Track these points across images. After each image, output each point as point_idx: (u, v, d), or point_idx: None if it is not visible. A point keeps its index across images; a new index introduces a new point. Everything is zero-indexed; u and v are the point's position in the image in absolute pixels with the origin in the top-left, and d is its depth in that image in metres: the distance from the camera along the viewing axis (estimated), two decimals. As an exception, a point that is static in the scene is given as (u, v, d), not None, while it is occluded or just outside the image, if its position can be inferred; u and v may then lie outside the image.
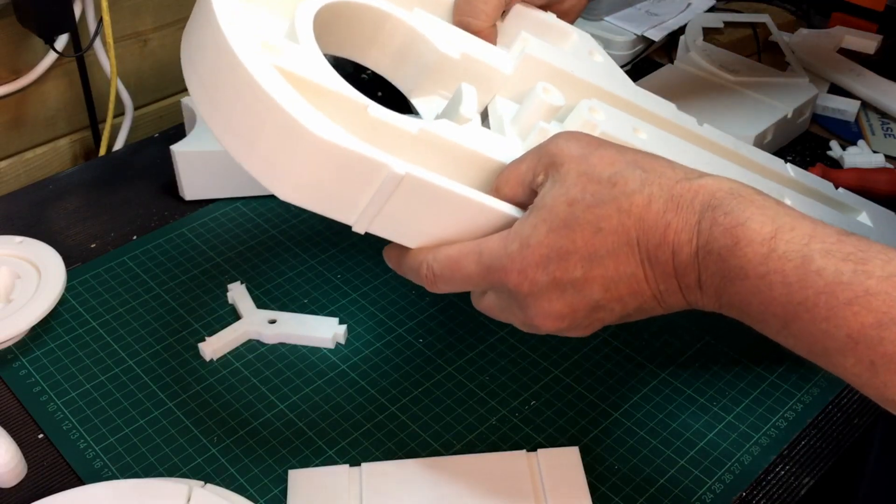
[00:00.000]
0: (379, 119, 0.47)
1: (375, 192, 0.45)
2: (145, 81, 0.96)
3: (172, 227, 0.76)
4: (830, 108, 0.93)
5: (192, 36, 0.48)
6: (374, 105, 0.47)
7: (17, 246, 0.70)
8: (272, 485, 0.56)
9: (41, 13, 0.80)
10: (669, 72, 0.93)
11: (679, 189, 0.43)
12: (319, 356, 0.65)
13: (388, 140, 0.47)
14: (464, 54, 0.56)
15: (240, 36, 0.44)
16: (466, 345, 0.66)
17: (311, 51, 0.48)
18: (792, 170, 0.66)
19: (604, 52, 0.63)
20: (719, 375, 0.64)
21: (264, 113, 0.43)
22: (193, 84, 0.47)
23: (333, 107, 0.46)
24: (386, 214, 0.46)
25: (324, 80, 0.46)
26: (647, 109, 0.59)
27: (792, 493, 0.57)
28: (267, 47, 0.45)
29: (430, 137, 0.48)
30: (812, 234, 0.39)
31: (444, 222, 0.48)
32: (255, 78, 0.43)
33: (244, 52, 0.44)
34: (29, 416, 0.60)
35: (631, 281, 0.44)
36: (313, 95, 0.45)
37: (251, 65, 0.43)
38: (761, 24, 1.04)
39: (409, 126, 0.47)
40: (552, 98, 0.53)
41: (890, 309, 0.36)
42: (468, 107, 0.52)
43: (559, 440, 0.60)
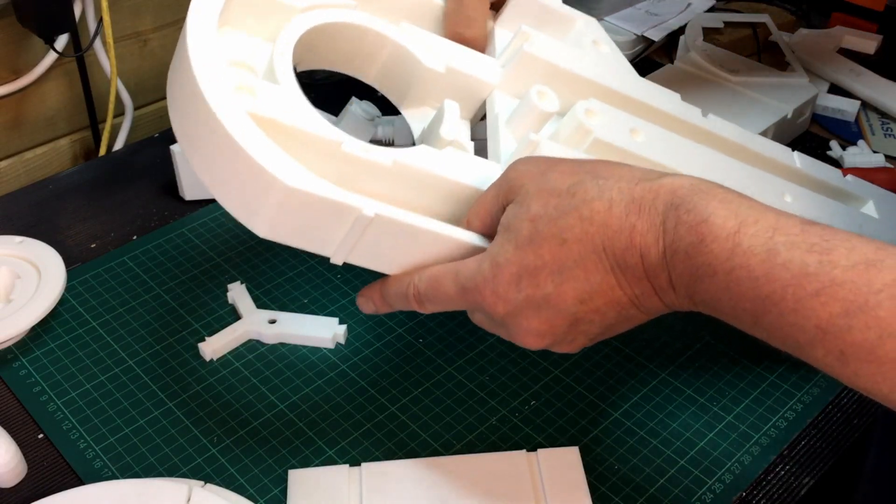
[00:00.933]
0: (353, 154, 0.48)
1: (348, 230, 0.47)
2: (145, 81, 0.96)
3: (172, 227, 0.76)
4: (830, 108, 0.93)
5: (173, 74, 0.49)
6: (348, 141, 0.48)
7: (17, 246, 0.70)
8: (272, 485, 0.56)
9: (41, 13, 0.80)
10: (669, 72, 0.93)
11: (640, 190, 0.42)
12: (319, 356, 0.65)
13: (363, 172, 0.49)
14: (449, 68, 0.57)
15: (213, 81, 0.46)
16: (466, 345, 0.66)
17: (289, 89, 0.49)
18: (798, 159, 0.66)
19: (609, 40, 0.62)
20: (719, 375, 0.64)
21: (236, 161, 0.45)
22: (175, 122, 0.49)
23: (309, 146, 0.48)
24: (361, 249, 0.48)
25: (298, 122, 0.47)
26: (649, 104, 0.59)
27: (792, 493, 0.57)
28: (242, 90, 0.47)
29: (403, 168, 0.49)
30: (776, 227, 0.39)
31: (419, 253, 0.49)
32: (226, 127, 0.44)
33: (216, 100, 0.45)
34: (29, 416, 0.60)
35: (604, 289, 0.44)
36: (287, 136, 0.47)
37: (221, 111, 0.45)
38: (761, 24, 1.04)
39: (382, 158, 0.49)
40: (546, 104, 0.54)
41: (856, 297, 0.36)
42: (448, 128, 0.53)
43: (559, 440, 0.60)
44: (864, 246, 0.37)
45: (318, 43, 0.55)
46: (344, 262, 0.49)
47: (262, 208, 0.46)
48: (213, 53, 0.47)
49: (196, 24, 0.48)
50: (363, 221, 0.46)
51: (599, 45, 0.62)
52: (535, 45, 0.56)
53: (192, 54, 0.46)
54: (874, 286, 0.36)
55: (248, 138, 0.44)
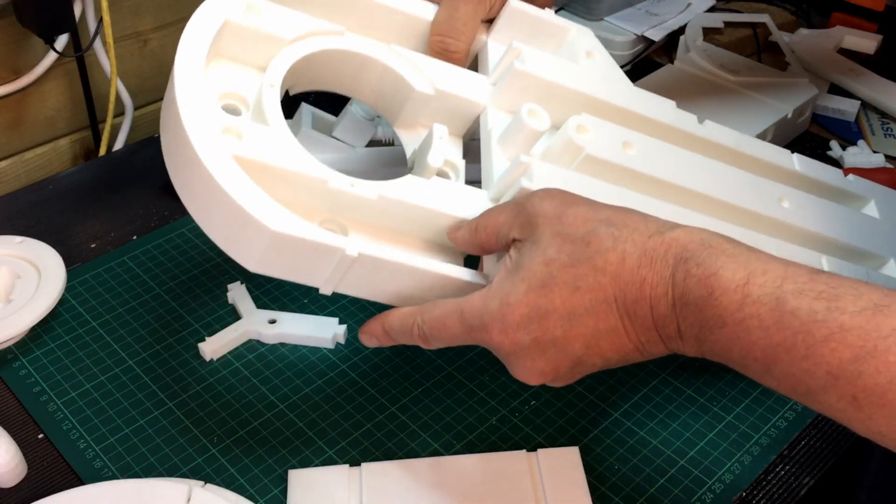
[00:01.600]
0: (339, 190, 0.49)
1: (334, 268, 0.48)
2: (145, 81, 0.96)
3: (172, 227, 0.76)
4: (830, 108, 0.93)
5: (165, 111, 0.51)
6: (334, 177, 0.49)
7: (17, 246, 0.70)
8: (272, 485, 0.56)
9: (41, 13, 0.80)
10: (669, 72, 0.93)
11: (652, 244, 0.43)
12: (319, 356, 0.65)
13: (350, 205, 0.50)
14: (438, 90, 0.57)
15: (200, 125, 0.47)
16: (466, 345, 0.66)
17: (276, 128, 0.50)
18: (798, 161, 0.66)
19: (603, 50, 0.63)
20: (719, 375, 0.64)
21: (221, 204, 0.46)
22: (167, 158, 0.50)
23: (295, 184, 0.49)
24: (349, 281, 0.50)
25: (285, 163, 0.49)
26: (643, 115, 0.59)
27: (792, 493, 0.57)
28: (229, 132, 0.48)
29: (389, 201, 0.51)
30: (784, 276, 0.40)
31: (406, 286, 0.51)
32: (212, 172, 0.46)
33: (202, 145, 0.46)
34: (29, 416, 0.60)
35: (611, 336, 0.45)
36: (273, 177, 0.48)
37: (208, 158, 0.46)
38: (761, 24, 1.04)
39: (368, 193, 0.50)
40: (536, 123, 0.54)
41: (865, 342, 0.37)
42: (436, 155, 0.54)
43: (559, 440, 0.60)
44: (871, 292, 0.38)
45: (310, 69, 0.57)
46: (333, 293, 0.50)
47: (249, 248, 0.47)
48: (200, 94, 0.48)
49: (184, 61, 0.49)
50: (348, 260, 0.48)
51: (593, 55, 0.62)
52: (526, 61, 0.57)
53: (180, 98, 0.48)
54: (883, 331, 0.36)
55: (233, 182, 0.46)
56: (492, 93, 0.59)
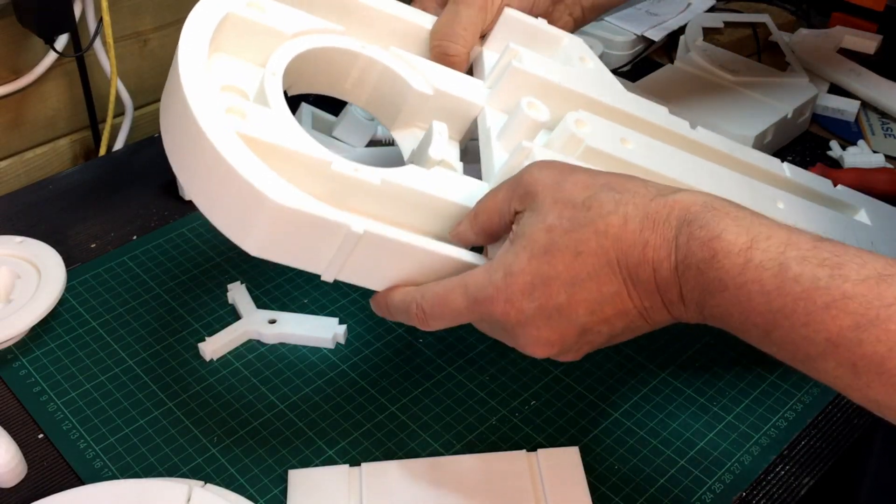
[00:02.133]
0: (342, 173, 0.49)
1: (338, 248, 0.47)
2: (145, 81, 0.96)
3: (172, 227, 0.76)
4: (830, 108, 0.93)
5: (166, 99, 0.50)
6: (337, 160, 0.49)
7: (17, 246, 0.70)
8: (272, 485, 0.56)
9: (41, 13, 0.80)
10: (669, 72, 0.93)
11: (654, 206, 0.43)
12: (319, 356, 0.65)
13: (353, 191, 0.50)
14: (437, 90, 0.58)
15: (204, 103, 0.47)
16: (466, 345, 0.66)
17: (279, 112, 0.50)
18: (788, 169, 0.66)
19: (595, 57, 0.63)
20: (719, 375, 0.64)
21: (226, 180, 0.45)
22: (168, 145, 0.50)
23: (298, 165, 0.48)
24: (351, 266, 0.49)
25: (288, 142, 0.48)
26: (637, 116, 0.60)
27: (792, 493, 0.57)
28: (232, 112, 0.47)
29: (392, 187, 0.50)
30: (787, 242, 0.39)
31: (409, 269, 0.50)
32: (217, 147, 0.45)
33: (207, 121, 0.46)
34: (29, 416, 0.60)
35: (615, 300, 0.44)
36: (277, 157, 0.48)
37: (213, 134, 0.46)
38: (761, 24, 1.04)
39: (371, 177, 0.49)
40: (536, 114, 0.54)
41: (867, 311, 0.36)
42: (437, 149, 0.54)
43: (559, 440, 0.60)
44: (875, 261, 0.38)
45: (308, 68, 0.57)
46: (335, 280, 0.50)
47: (253, 227, 0.46)
48: (204, 77, 0.48)
49: (188, 48, 0.49)
50: (352, 238, 0.47)
51: (586, 61, 0.62)
52: (523, 60, 0.57)
53: (184, 78, 0.47)
54: (885, 300, 0.36)
55: (238, 157, 0.45)
56: (489, 94, 0.59)
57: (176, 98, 0.48)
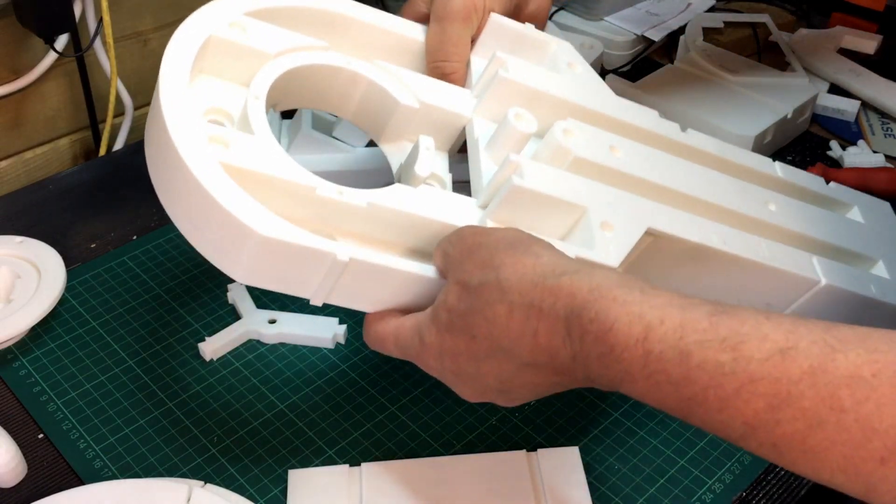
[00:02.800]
0: (327, 198, 0.49)
1: (324, 275, 0.48)
2: (145, 81, 0.96)
3: (172, 227, 0.75)
4: (830, 108, 0.93)
5: (149, 126, 0.51)
6: (322, 185, 0.49)
7: (17, 246, 0.70)
8: (272, 485, 0.56)
9: (41, 13, 0.80)
10: (669, 72, 0.93)
11: (538, 294, 0.42)
12: (319, 356, 0.65)
13: (339, 214, 0.50)
14: (423, 103, 0.58)
15: (186, 134, 0.47)
16: (466, 345, 0.66)
17: (262, 137, 0.50)
18: (780, 169, 0.66)
19: (584, 61, 0.63)
20: (719, 375, 0.64)
21: (210, 211, 0.46)
22: (151, 170, 0.51)
23: (283, 192, 0.49)
24: (339, 290, 0.49)
25: (272, 170, 0.48)
26: (627, 122, 0.60)
27: (792, 493, 0.57)
28: (215, 141, 0.48)
29: (378, 210, 0.50)
30: (682, 325, 0.38)
31: (396, 291, 0.50)
32: (198, 178, 0.46)
33: (189, 152, 0.46)
34: (29, 416, 0.60)
35: (521, 376, 0.45)
36: (261, 184, 0.48)
37: (195, 165, 0.46)
38: (761, 24, 1.04)
39: (357, 201, 0.49)
40: (523, 125, 0.54)
41: (777, 391, 0.36)
42: (423, 165, 0.54)
43: (559, 440, 0.60)
44: (776, 332, 0.37)
45: (294, 85, 0.57)
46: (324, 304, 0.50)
47: (239, 257, 0.47)
48: (186, 107, 0.48)
49: (169, 76, 0.49)
50: (338, 266, 0.47)
51: (574, 67, 0.62)
52: (510, 70, 0.57)
53: (165, 108, 0.48)
54: (792, 376, 0.35)
55: (221, 189, 0.46)
56: (476, 104, 0.59)
57: (158, 128, 0.48)
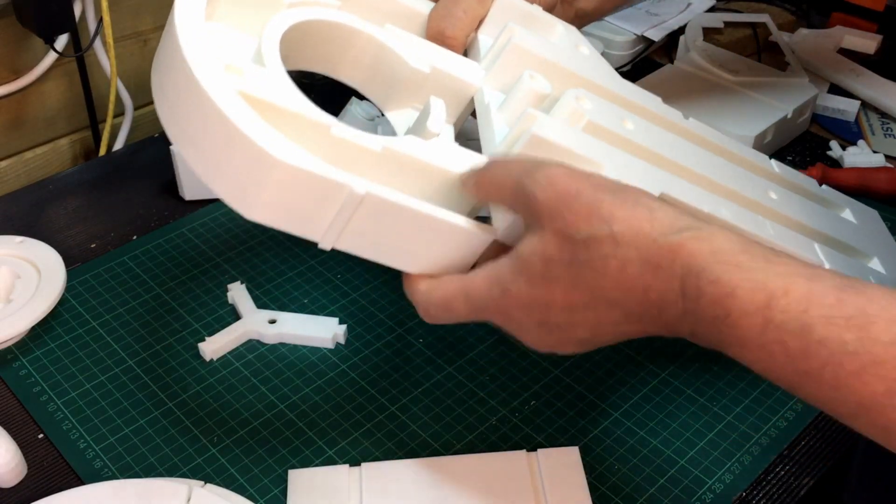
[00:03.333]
0: (343, 138, 0.47)
1: (338, 211, 0.46)
2: (145, 81, 0.96)
3: (172, 227, 0.76)
4: (830, 108, 0.93)
5: (160, 60, 0.49)
6: (337, 125, 0.48)
7: (17, 246, 0.70)
8: (272, 485, 0.56)
9: (41, 13, 0.80)
10: (669, 72, 0.93)
11: (656, 250, 0.41)
12: (319, 356, 0.65)
13: (352, 158, 0.48)
14: (434, 68, 0.56)
15: (203, 61, 0.45)
16: (466, 345, 0.66)
17: (277, 73, 0.49)
18: (777, 166, 0.67)
19: (589, 44, 0.63)
20: (719, 375, 0.64)
21: (227, 138, 0.44)
22: (162, 107, 0.48)
23: (297, 128, 0.47)
24: (350, 232, 0.47)
25: (287, 103, 0.47)
26: (633, 101, 0.60)
27: (792, 493, 0.57)
28: (231, 70, 0.46)
29: (393, 155, 0.49)
30: (809, 298, 0.37)
31: (410, 239, 0.49)
32: (217, 104, 0.44)
33: (207, 78, 0.45)
34: (29, 416, 0.60)
35: (616, 327, 0.44)
36: (277, 118, 0.46)
37: (213, 91, 0.44)
38: (761, 24, 1.04)
39: (372, 144, 0.48)
40: (539, 85, 0.53)
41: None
42: (435, 121, 0.53)
43: (559, 440, 0.60)
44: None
45: (304, 41, 0.55)
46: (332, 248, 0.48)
47: (255, 189, 0.45)
48: (201, 36, 0.47)
49: (184, 8, 0.48)
50: (354, 200, 0.45)
51: (581, 49, 0.62)
52: (523, 38, 0.57)
53: (181, 36, 0.46)
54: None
55: (242, 116, 0.44)
56: (486, 75, 0.58)
57: (173, 57, 0.46)
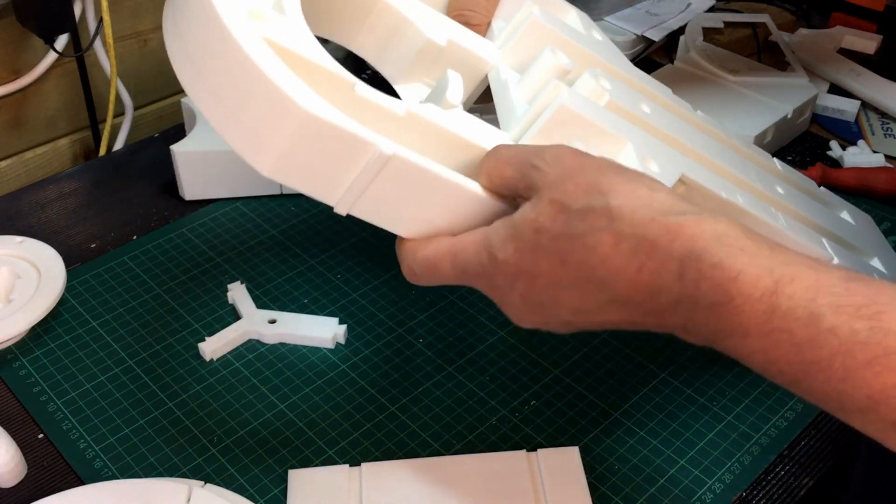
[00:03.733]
0: (366, 98, 0.45)
1: (360, 171, 0.44)
2: (145, 81, 0.96)
3: (172, 227, 0.76)
4: (830, 108, 0.93)
5: (177, 3, 0.46)
6: (361, 84, 0.46)
7: (17, 246, 0.70)
8: (272, 485, 0.56)
9: (41, 13, 0.80)
10: (669, 72, 0.93)
11: (654, 229, 0.39)
12: (319, 356, 0.65)
13: (372, 120, 0.46)
14: (450, 41, 0.55)
15: (227, 4, 0.43)
16: (466, 345, 0.66)
17: (299, 24, 0.47)
18: (779, 164, 0.67)
19: (601, 31, 0.63)
20: (719, 375, 0.64)
21: (251, 84, 0.42)
22: (176, 52, 0.46)
23: (319, 82, 0.45)
24: (369, 196, 0.45)
25: (312, 55, 0.45)
26: (647, 88, 0.60)
27: (792, 494, 0.57)
28: (255, 16, 0.44)
29: (416, 120, 0.47)
30: (817, 286, 0.36)
31: (428, 207, 0.47)
32: (243, 47, 0.42)
33: (232, 21, 0.42)
34: (29, 416, 0.60)
35: (600, 311, 0.42)
36: (301, 69, 0.44)
37: (239, 34, 0.42)
38: (761, 24, 1.04)
39: (395, 108, 0.46)
40: (561, 60, 0.52)
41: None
42: (454, 93, 0.50)
43: (559, 440, 0.60)
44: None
45: (321, 5, 0.53)
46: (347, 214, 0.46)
47: (273, 139, 0.43)
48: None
49: None
50: (379, 161, 0.43)
51: (593, 33, 0.62)
52: (543, 16, 0.56)
53: None
54: None
55: (267, 60, 0.42)
56: (502, 52, 0.57)
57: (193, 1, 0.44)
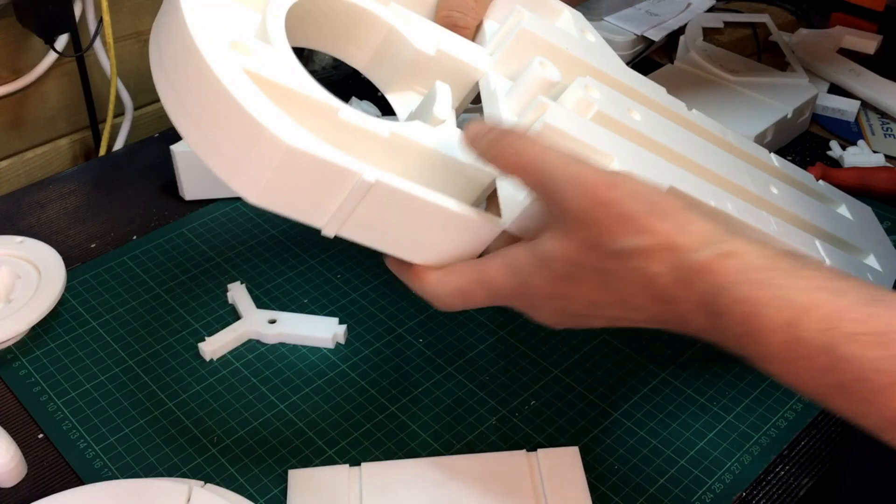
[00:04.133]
0: (349, 122, 0.46)
1: (345, 198, 0.45)
2: (145, 81, 0.96)
3: (172, 227, 0.76)
4: (830, 108, 0.93)
5: (161, 34, 0.47)
6: (345, 108, 0.46)
7: (17, 246, 0.70)
8: (272, 485, 0.56)
9: (41, 13, 0.80)
10: (669, 72, 0.93)
11: (685, 266, 0.41)
12: (319, 356, 0.65)
13: (358, 143, 0.47)
14: (439, 51, 0.55)
15: (208, 36, 0.44)
16: (466, 345, 0.66)
17: (283, 52, 0.47)
18: (776, 160, 0.67)
19: (595, 31, 0.63)
20: (719, 375, 0.64)
21: (231, 117, 0.43)
22: (161, 83, 0.47)
23: (304, 109, 0.45)
24: (356, 220, 0.46)
25: (294, 83, 0.45)
26: (639, 91, 0.59)
27: (791, 494, 0.57)
28: (237, 47, 0.45)
29: (400, 141, 0.47)
30: (834, 315, 0.37)
31: (416, 228, 0.47)
32: (222, 81, 0.42)
33: (211, 55, 0.43)
34: (29, 416, 0.60)
35: (637, 323, 0.45)
36: (283, 98, 0.45)
37: (218, 67, 0.43)
38: (761, 24, 1.04)
39: (379, 129, 0.47)
40: (549, 73, 0.52)
41: None
42: (441, 107, 0.51)
43: (559, 440, 0.60)
44: None
45: (309, 18, 0.54)
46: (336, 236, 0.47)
47: (257, 170, 0.43)
48: (205, 10, 0.45)
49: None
50: (362, 188, 0.44)
51: (587, 35, 0.62)
52: (532, 23, 0.56)
53: (185, 9, 0.44)
54: None
55: (246, 94, 0.42)
56: (492, 60, 0.57)
57: (175, 29, 0.45)
